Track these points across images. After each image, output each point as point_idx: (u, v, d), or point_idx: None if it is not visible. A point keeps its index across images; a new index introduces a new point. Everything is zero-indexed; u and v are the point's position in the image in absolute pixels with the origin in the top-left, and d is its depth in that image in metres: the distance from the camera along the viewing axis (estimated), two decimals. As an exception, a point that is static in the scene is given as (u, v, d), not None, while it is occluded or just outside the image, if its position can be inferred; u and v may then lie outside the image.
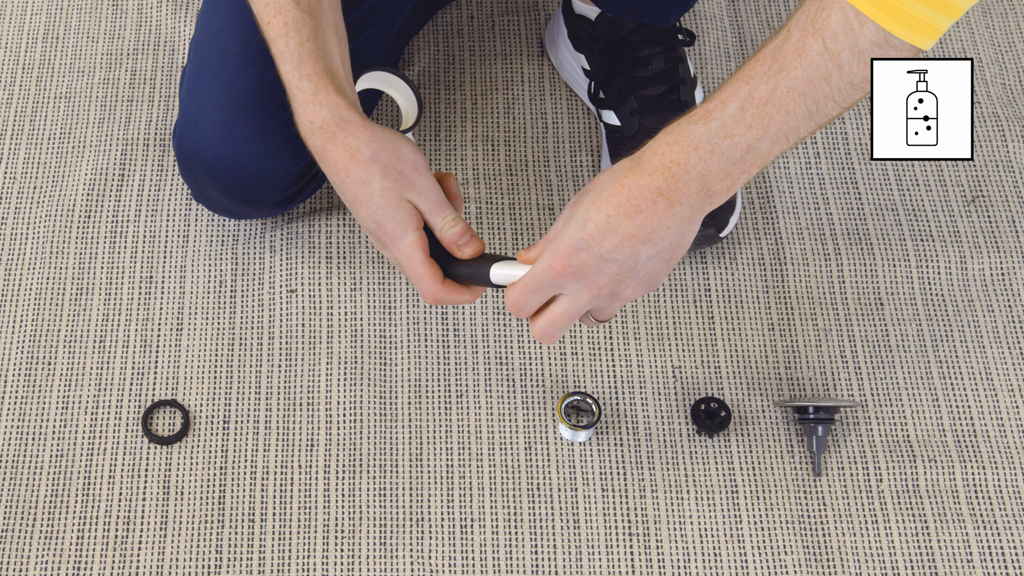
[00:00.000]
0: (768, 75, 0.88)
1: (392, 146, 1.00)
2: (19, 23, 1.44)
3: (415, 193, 1.00)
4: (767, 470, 1.19)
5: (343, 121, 0.99)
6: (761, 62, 0.89)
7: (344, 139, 0.99)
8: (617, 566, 1.14)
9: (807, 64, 0.87)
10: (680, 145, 0.90)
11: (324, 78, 0.99)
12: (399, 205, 1.00)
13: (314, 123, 1.00)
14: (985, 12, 1.47)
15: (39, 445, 1.19)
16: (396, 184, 0.99)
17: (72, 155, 1.34)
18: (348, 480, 1.17)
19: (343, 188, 1.02)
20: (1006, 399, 1.23)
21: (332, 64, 1.01)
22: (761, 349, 1.25)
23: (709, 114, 0.90)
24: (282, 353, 1.23)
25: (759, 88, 0.89)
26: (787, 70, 0.88)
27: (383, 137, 1.00)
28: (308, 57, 1.00)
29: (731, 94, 0.89)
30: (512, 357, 1.24)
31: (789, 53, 0.88)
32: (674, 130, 0.91)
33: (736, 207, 1.27)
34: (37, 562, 1.13)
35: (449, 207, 1.01)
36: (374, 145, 0.99)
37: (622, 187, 0.92)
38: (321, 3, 1.02)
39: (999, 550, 1.16)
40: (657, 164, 0.91)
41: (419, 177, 1.00)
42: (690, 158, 0.90)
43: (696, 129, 0.90)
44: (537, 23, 1.45)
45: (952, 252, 1.31)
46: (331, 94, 0.99)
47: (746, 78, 0.89)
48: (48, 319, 1.25)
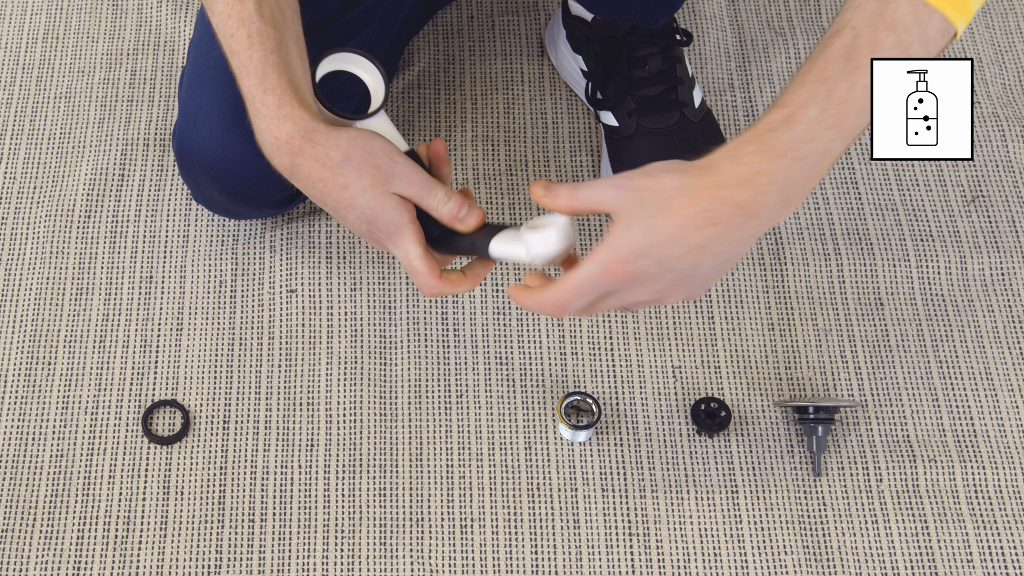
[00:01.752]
0: (844, 74, 0.87)
1: (360, 143, 0.97)
2: (19, 23, 1.44)
3: (397, 182, 0.97)
4: (767, 470, 1.19)
5: (308, 132, 0.96)
6: (834, 62, 0.87)
7: (312, 150, 0.96)
8: (617, 566, 1.14)
9: (881, 56, 0.88)
10: (764, 154, 0.86)
11: (288, 91, 0.96)
12: (384, 201, 0.97)
13: (279, 139, 0.97)
14: (985, 12, 1.47)
15: (39, 445, 1.19)
16: (375, 180, 0.96)
17: (72, 155, 1.34)
18: (348, 480, 1.17)
19: (323, 199, 0.98)
20: (1006, 399, 1.23)
21: (295, 77, 0.98)
22: (761, 349, 1.25)
23: (791, 119, 0.86)
24: (282, 353, 1.23)
25: (838, 88, 0.87)
26: (863, 67, 0.87)
27: (350, 137, 0.97)
28: (272, 70, 0.96)
29: (809, 96, 0.87)
30: (512, 357, 1.24)
31: (862, 50, 0.87)
32: (754, 138, 0.87)
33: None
34: (37, 562, 1.13)
35: (437, 184, 0.97)
36: (342, 147, 0.96)
37: (700, 197, 0.86)
38: (284, 15, 1.00)
39: (999, 550, 1.16)
40: (740, 175, 0.86)
41: (396, 165, 0.97)
42: (775, 167, 0.86)
43: (780, 136, 0.86)
44: (537, 23, 1.45)
45: (952, 252, 1.31)
46: (295, 107, 0.96)
47: (822, 79, 0.87)
48: (48, 319, 1.25)
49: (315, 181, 0.97)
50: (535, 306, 0.95)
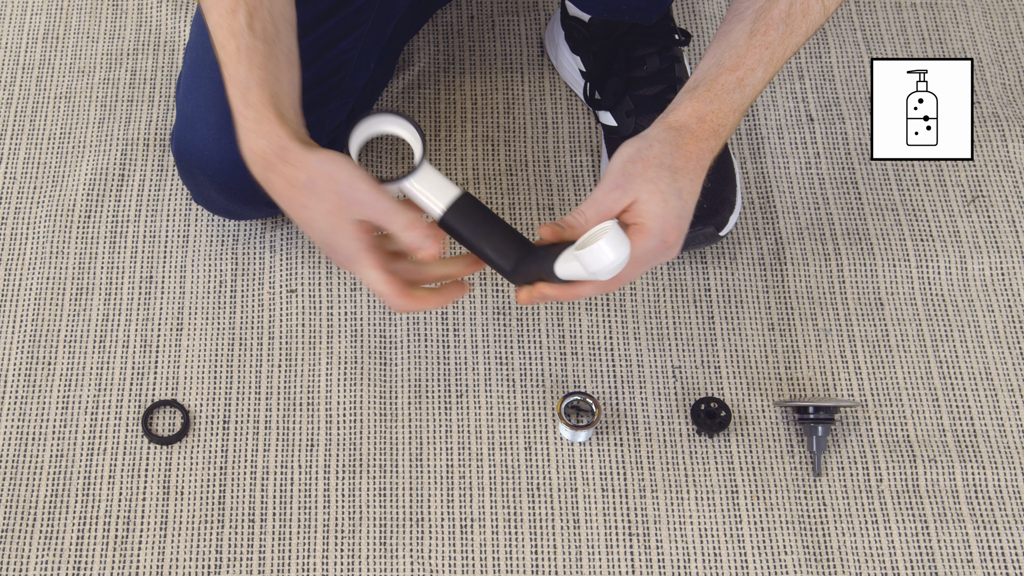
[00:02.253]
0: (783, 38, 1.04)
1: (326, 168, 0.98)
2: (19, 23, 1.44)
3: (358, 208, 0.98)
4: (767, 470, 1.19)
5: (282, 150, 0.98)
6: (775, 27, 1.04)
7: (282, 168, 0.99)
8: (617, 566, 1.14)
9: (809, 22, 1.05)
10: (724, 112, 1.04)
11: (268, 107, 0.99)
12: (341, 227, 0.98)
13: (255, 152, 0.99)
14: (985, 12, 1.47)
15: (39, 445, 1.19)
16: (334, 205, 0.98)
17: (72, 155, 1.34)
18: (348, 480, 1.17)
19: (289, 213, 1.01)
20: (1006, 399, 1.23)
21: (279, 92, 1.00)
22: (761, 349, 1.25)
23: (743, 82, 1.04)
24: (282, 353, 1.23)
25: (776, 51, 1.04)
26: (796, 31, 1.05)
27: (318, 160, 0.98)
28: (256, 86, 0.99)
29: (757, 60, 1.04)
30: (512, 357, 1.24)
31: (796, 16, 1.04)
32: (714, 99, 1.04)
33: (736, 207, 1.27)
34: (37, 562, 1.13)
35: (400, 212, 0.98)
36: (309, 169, 0.98)
37: (691, 152, 1.02)
38: (277, 28, 1.01)
39: (999, 550, 1.16)
40: (710, 130, 1.03)
41: (358, 192, 0.97)
42: (729, 119, 1.04)
43: (735, 97, 1.04)
44: (537, 23, 1.45)
45: (952, 252, 1.31)
46: (272, 124, 0.98)
47: (765, 44, 1.04)
48: (48, 319, 1.25)
49: (282, 196, 1.00)
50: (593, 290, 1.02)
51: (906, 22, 1.46)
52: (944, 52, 1.45)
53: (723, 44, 1.06)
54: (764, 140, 1.37)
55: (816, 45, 1.44)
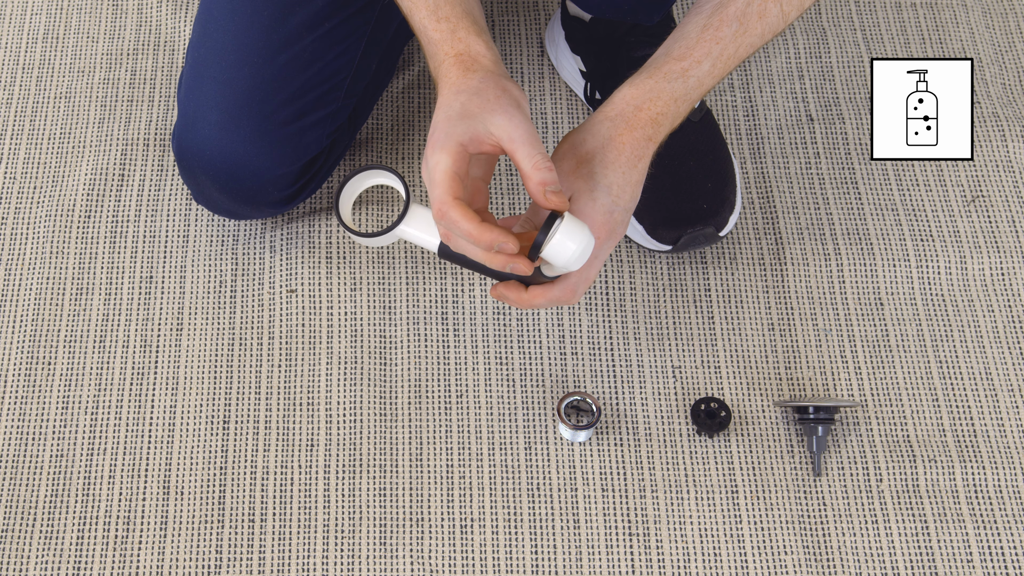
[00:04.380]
0: (735, 36, 1.04)
1: (502, 83, 0.97)
2: (19, 23, 1.44)
3: (503, 119, 0.95)
4: (767, 470, 1.19)
5: (474, 57, 0.99)
6: (728, 24, 1.04)
7: (468, 66, 0.98)
8: (617, 566, 1.14)
9: (765, 24, 1.05)
10: (663, 100, 1.03)
11: (463, 18, 1.00)
12: (464, 119, 0.95)
13: (448, 54, 0.99)
14: (985, 12, 1.47)
15: (39, 445, 1.19)
16: (480, 105, 0.96)
17: (72, 155, 1.34)
18: (348, 480, 1.17)
19: (437, 111, 0.98)
20: (1006, 399, 1.23)
21: (471, 9, 1.02)
22: (761, 349, 1.25)
23: (686, 72, 1.04)
24: (282, 353, 1.24)
25: (728, 48, 1.04)
26: (750, 31, 1.04)
27: (502, 74, 0.99)
28: (444, 2, 1.01)
29: (705, 53, 1.04)
30: (512, 357, 1.24)
31: (752, 17, 1.04)
32: (655, 87, 1.03)
33: (736, 207, 1.27)
34: (37, 562, 1.13)
35: (538, 144, 0.96)
36: (486, 76, 0.98)
37: (624, 144, 1.02)
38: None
39: (999, 550, 1.16)
40: (646, 118, 1.03)
41: (514, 109, 0.96)
42: (670, 109, 1.04)
43: (676, 86, 1.04)
44: (537, 23, 1.45)
45: (952, 252, 1.31)
46: (469, 33, 1.00)
47: (716, 39, 1.04)
48: (48, 319, 1.25)
49: (448, 85, 0.98)
50: (545, 302, 1.03)
51: (906, 22, 1.46)
52: (944, 52, 1.45)
53: (677, 35, 1.06)
54: (764, 140, 1.37)
55: (816, 45, 1.44)
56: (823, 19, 1.46)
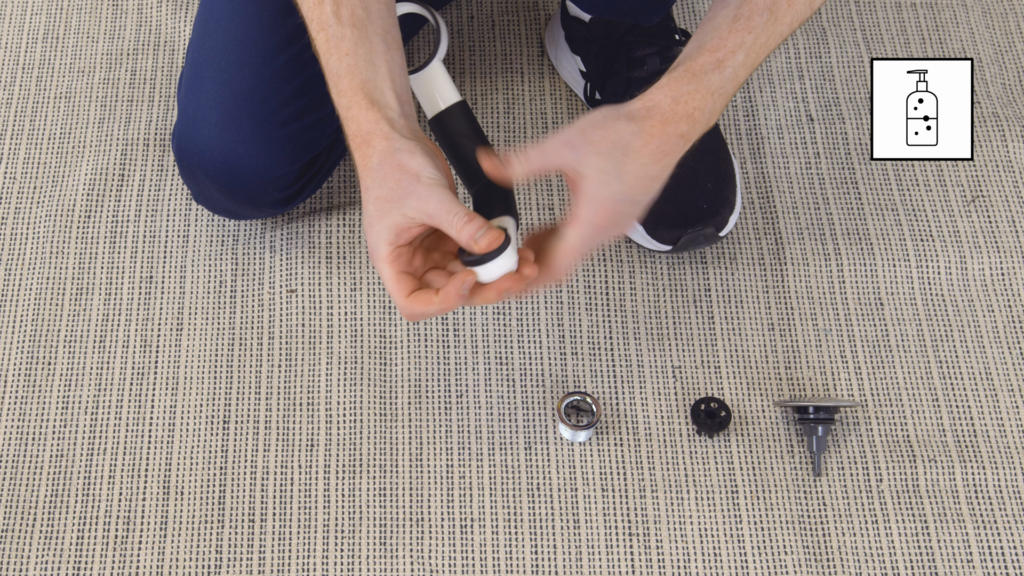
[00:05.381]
0: (766, 24, 1.01)
1: (396, 159, 0.98)
2: (19, 23, 1.44)
3: (411, 202, 0.98)
4: (767, 470, 1.19)
5: (367, 134, 1.00)
6: (759, 13, 1.01)
7: (365, 150, 1.00)
8: (617, 566, 1.14)
9: (795, 12, 1.02)
10: (701, 94, 1.00)
11: (358, 94, 1.00)
12: (382, 217, 0.98)
13: (349, 136, 1.01)
14: (985, 12, 1.47)
15: (39, 445, 1.19)
16: (388, 196, 0.98)
17: (72, 155, 1.34)
18: (348, 480, 1.17)
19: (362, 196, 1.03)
20: (1006, 399, 1.23)
21: (372, 76, 1.01)
22: (761, 349, 1.25)
23: (722, 63, 1.01)
24: (282, 353, 1.24)
25: (760, 36, 1.01)
26: (780, 19, 1.02)
27: (394, 147, 0.99)
28: (346, 73, 1.01)
29: (738, 43, 1.01)
30: (512, 357, 1.24)
31: (782, 4, 1.02)
32: (691, 79, 1.00)
33: (736, 207, 1.27)
34: (37, 562, 1.13)
35: (455, 205, 0.98)
36: (381, 156, 0.99)
37: (653, 136, 0.99)
38: (368, 10, 1.02)
39: (999, 550, 1.16)
40: (681, 112, 0.99)
41: (417, 185, 0.97)
42: (707, 103, 1.00)
43: (713, 78, 1.00)
44: (537, 23, 1.45)
45: (952, 252, 1.31)
46: (361, 109, 1.00)
47: (748, 28, 1.01)
48: (48, 319, 1.25)
49: (360, 176, 1.02)
50: (540, 283, 1.02)
51: (906, 22, 1.46)
52: (944, 52, 1.45)
53: (706, 28, 1.04)
54: (764, 140, 1.37)
55: (816, 45, 1.44)
56: (823, 19, 1.46)
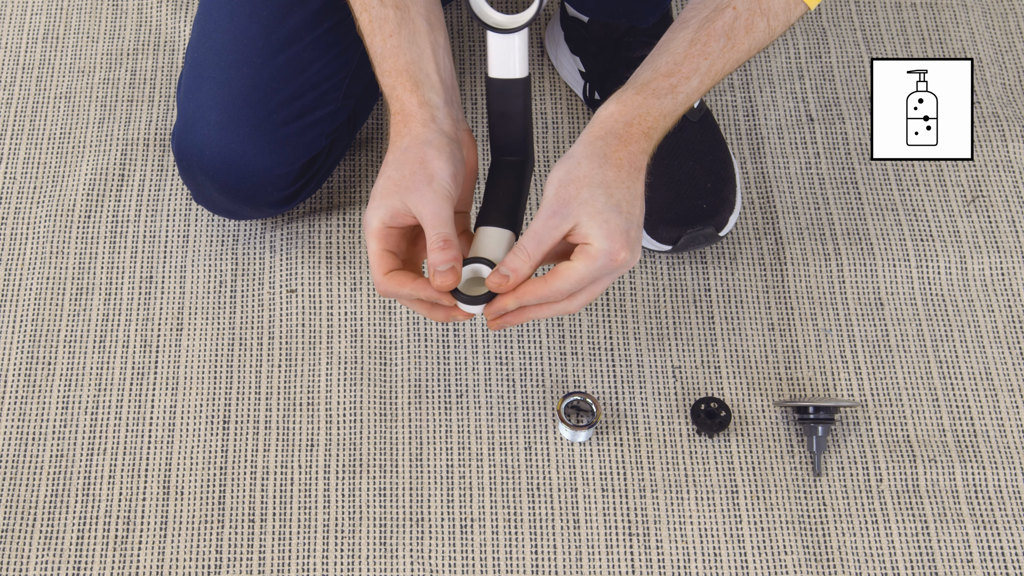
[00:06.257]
0: (723, 51, 1.03)
1: (423, 151, 1.00)
2: (19, 23, 1.44)
3: (414, 198, 0.99)
4: (767, 470, 1.19)
5: (405, 116, 1.03)
6: (716, 39, 1.03)
7: (400, 129, 1.03)
8: (617, 566, 1.14)
9: (752, 39, 1.04)
10: (654, 115, 1.02)
11: (401, 75, 1.03)
12: (385, 196, 1.00)
13: (392, 111, 1.04)
14: (985, 12, 1.47)
15: (39, 445, 1.19)
16: (400, 180, 1.00)
17: (72, 155, 1.34)
18: (348, 480, 1.17)
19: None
20: (1006, 399, 1.23)
21: (416, 57, 1.03)
22: (761, 349, 1.25)
23: (675, 88, 1.03)
24: (282, 353, 1.24)
25: (716, 63, 1.03)
26: (737, 46, 1.04)
27: (424, 139, 1.01)
28: (390, 55, 1.03)
29: (693, 69, 1.03)
30: (512, 357, 1.24)
31: (739, 31, 1.03)
32: (643, 104, 1.02)
33: (736, 207, 1.27)
34: (37, 562, 1.13)
35: (443, 225, 0.99)
36: (411, 141, 1.01)
37: (621, 160, 1.01)
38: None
39: (999, 550, 1.16)
40: (639, 132, 1.02)
41: (425, 186, 0.99)
42: (660, 123, 1.03)
43: (665, 102, 1.02)
44: (537, 23, 1.45)
45: (952, 252, 1.31)
46: (404, 90, 1.03)
47: (704, 54, 1.03)
48: (48, 319, 1.25)
49: (388, 147, 1.04)
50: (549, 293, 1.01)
51: (906, 22, 1.46)
52: (944, 52, 1.45)
53: (663, 49, 1.04)
54: (764, 140, 1.37)
55: (816, 45, 1.44)
56: (823, 19, 1.46)
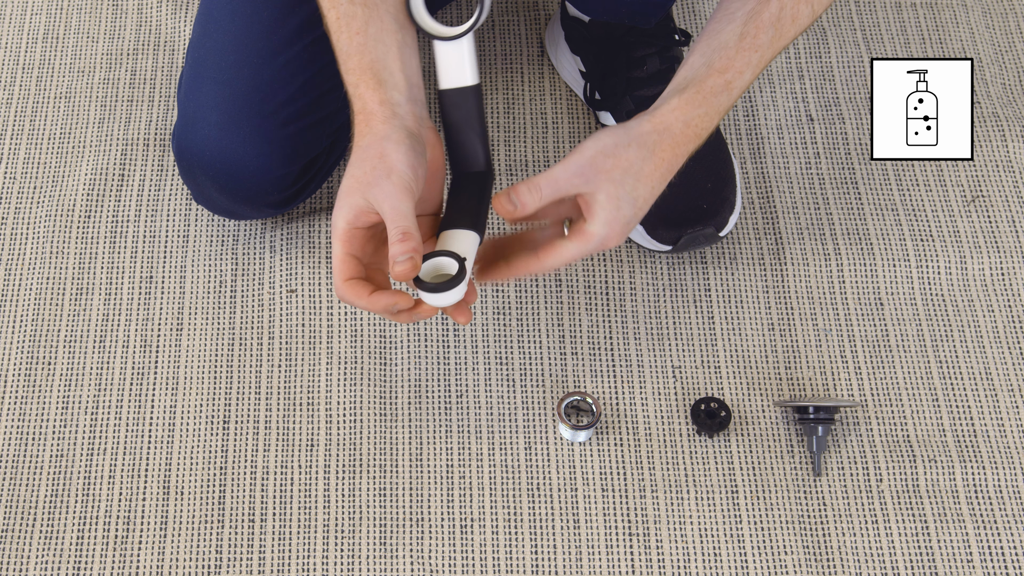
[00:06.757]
0: (772, 42, 1.04)
1: (382, 146, 0.99)
2: (19, 23, 1.44)
3: (374, 192, 0.98)
4: (767, 470, 1.19)
5: (367, 114, 1.02)
6: (764, 31, 1.04)
7: (362, 128, 1.02)
8: (617, 566, 1.14)
9: (797, 26, 1.05)
10: (710, 115, 1.04)
11: (365, 72, 1.02)
12: (348, 195, 0.99)
13: (354, 111, 1.03)
14: (985, 12, 1.47)
15: (39, 445, 1.19)
16: (361, 178, 0.99)
17: (72, 155, 1.34)
18: (348, 480, 1.17)
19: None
20: (1006, 399, 1.23)
21: (381, 55, 1.03)
22: (761, 349, 1.25)
23: (730, 84, 1.04)
24: (282, 353, 1.24)
25: (765, 55, 1.04)
26: (784, 35, 1.05)
27: (384, 135, 1.00)
28: (355, 52, 1.02)
29: (746, 63, 1.04)
30: (512, 357, 1.24)
31: (786, 21, 1.04)
32: (702, 102, 1.04)
33: (736, 207, 1.27)
34: (37, 562, 1.13)
35: (404, 218, 0.98)
36: (372, 138, 1.00)
37: (663, 160, 1.03)
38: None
39: (999, 550, 1.16)
40: (691, 135, 1.04)
41: (385, 179, 0.98)
42: (714, 123, 1.05)
43: (721, 99, 1.04)
44: (537, 23, 1.45)
45: (952, 252, 1.31)
46: (367, 88, 1.02)
47: (754, 47, 1.04)
48: (48, 319, 1.25)
49: (351, 150, 1.03)
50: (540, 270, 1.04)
51: (906, 22, 1.46)
52: (944, 52, 1.45)
53: (713, 44, 1.05)
54: (764, 140, 1.37)
55: (816, 45, 1.44)
56: (823, 19, 1.46)
